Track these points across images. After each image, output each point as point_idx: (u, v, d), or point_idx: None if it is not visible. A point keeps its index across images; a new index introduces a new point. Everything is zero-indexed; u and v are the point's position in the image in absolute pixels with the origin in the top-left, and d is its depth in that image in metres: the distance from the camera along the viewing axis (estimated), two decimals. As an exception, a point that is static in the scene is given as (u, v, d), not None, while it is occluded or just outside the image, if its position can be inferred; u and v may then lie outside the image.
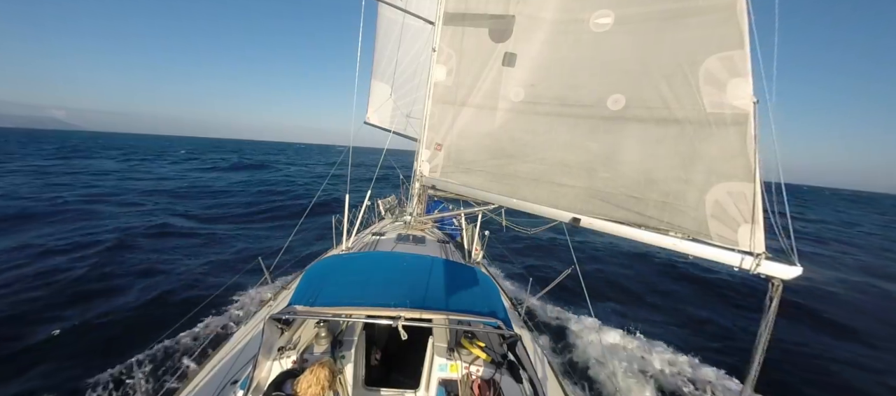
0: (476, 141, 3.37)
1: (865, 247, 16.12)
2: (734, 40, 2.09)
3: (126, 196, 15.15)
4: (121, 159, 34.52)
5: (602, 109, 2.64)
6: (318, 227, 7.08)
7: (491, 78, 3.20)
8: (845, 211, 36.42)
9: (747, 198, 1.98)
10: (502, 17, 3.07)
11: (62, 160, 30.29)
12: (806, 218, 26.17)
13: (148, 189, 17.30)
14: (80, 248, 7.82)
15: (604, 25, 2.64)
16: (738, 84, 2.09)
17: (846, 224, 25.66)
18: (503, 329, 2.29)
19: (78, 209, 12.06)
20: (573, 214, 2.62)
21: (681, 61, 2.30)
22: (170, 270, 6.80)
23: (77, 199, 13.70)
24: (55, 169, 23.57)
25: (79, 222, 10.50)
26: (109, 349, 4.19)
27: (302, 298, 2.31)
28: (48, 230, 9.37)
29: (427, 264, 2.89)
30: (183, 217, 12.01)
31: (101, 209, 12.40)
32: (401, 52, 6.28)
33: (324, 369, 1.88)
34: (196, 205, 14.13)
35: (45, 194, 14.21)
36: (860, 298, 8.92)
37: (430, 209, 6.51)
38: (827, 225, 23.82)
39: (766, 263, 1.82)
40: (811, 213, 30.94)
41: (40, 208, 11.73)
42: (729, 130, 2.11)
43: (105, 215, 11.66)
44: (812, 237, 17.66)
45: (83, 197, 14.38)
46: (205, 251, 8.27)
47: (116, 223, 10.34)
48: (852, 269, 11.89)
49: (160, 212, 12.36)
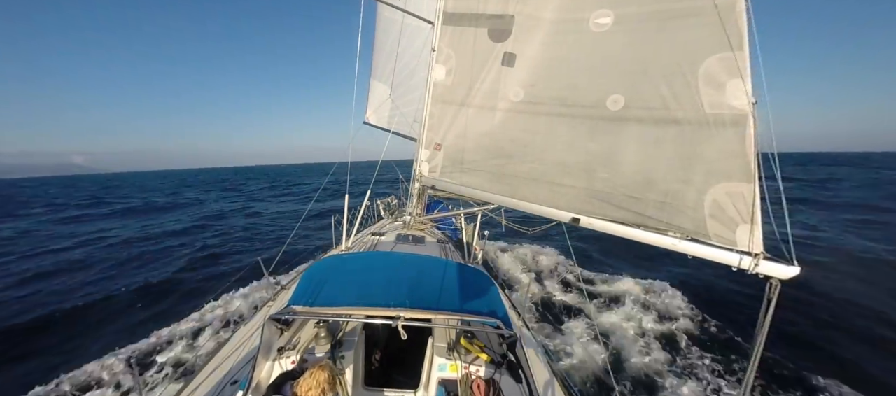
0: (475, 141, 3.37)
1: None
2: (733, 41, 2.10)
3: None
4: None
5: (601, 109, 2.65)
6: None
7: (490, 78, 3.20)
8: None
9: (746, 198, 1.99)
10: (502, 17, 3.07)
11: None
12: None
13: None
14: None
15: (603, 25, 2.64)
16: (737, 85, 2.09)
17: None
18: (503, 328, 2.30)
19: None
20: (573, 214, 2.62)
21: (680, 62, 2.31)
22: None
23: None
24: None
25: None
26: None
27: (301, 298, 2.31)
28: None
29: (427, 264, 2.90)
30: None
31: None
32: (400, 51, 6.26)
33: (323, 371, 1.86)
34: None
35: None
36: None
37: (430, 209, 6.51)
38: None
39: (765, 263, 1.83)
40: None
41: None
42: (728, 131, 2.12)
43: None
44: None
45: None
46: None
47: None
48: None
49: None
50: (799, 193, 21.30)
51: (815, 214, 14.73)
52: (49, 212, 25.10)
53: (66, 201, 33.34)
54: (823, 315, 6.55)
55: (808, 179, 30.89)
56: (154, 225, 17.12)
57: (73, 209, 26.70)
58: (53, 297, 6.92)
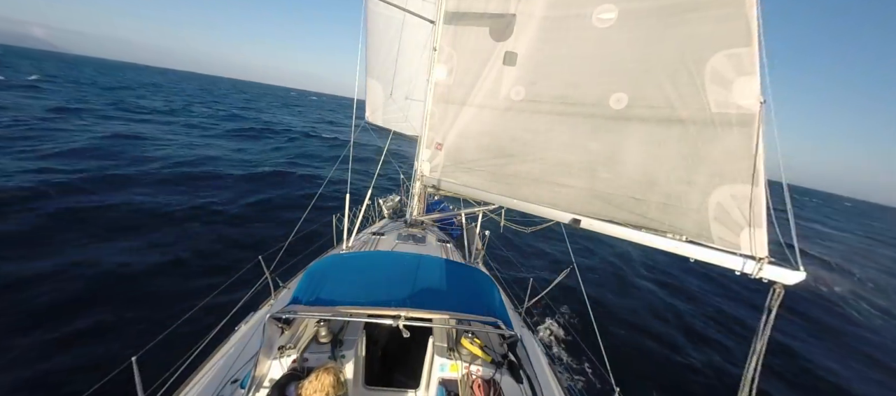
0: (476, 140, 3.34)
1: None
2: (742, 36, 2.03)
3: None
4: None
5: (604, 108, 2.60)
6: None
7: (491, 77, 3.16)
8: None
9: (751, 200, 1.94)
10: (503, 16, 3.02)
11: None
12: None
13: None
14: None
15: (607, 20, 2.58)
16: (744, 83, 2.03)
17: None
18: (503, 328, 2.29)
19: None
20: (573, 215, 2.59)
21: (686, 58, 2.25)
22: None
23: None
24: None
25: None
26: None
27: (302, 297, 2.32)
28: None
29: (427, 263, 2.89)
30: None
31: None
32: (400, 50, 6.21)
33: (329, 375, 1.86)
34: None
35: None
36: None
37: (431, 208, 6.51)
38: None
39: (769, 268, 1.79)
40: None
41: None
42: (734, 131, 2.06)
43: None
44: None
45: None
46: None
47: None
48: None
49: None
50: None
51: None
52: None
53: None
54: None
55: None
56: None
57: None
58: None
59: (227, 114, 32.39)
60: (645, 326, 6.56)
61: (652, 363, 5.59)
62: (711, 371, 5.47)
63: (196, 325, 3.17)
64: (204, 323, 2.89)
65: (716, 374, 5.46)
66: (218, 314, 3.06)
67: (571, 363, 5.24)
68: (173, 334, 3.25)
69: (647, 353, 5.78)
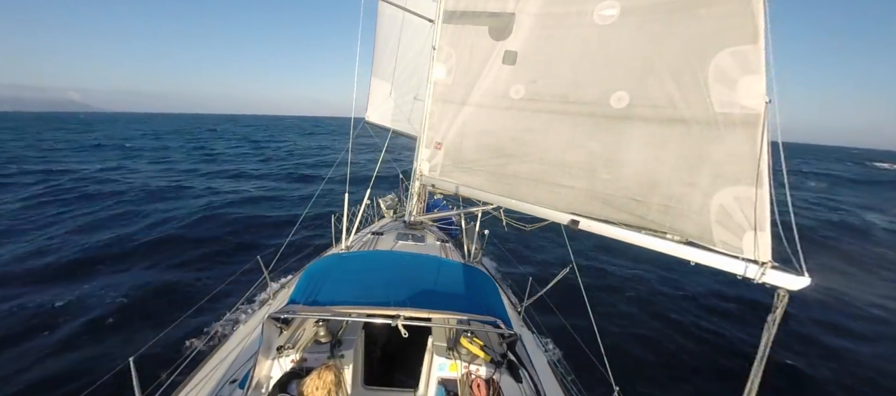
0: (476, 140, 3.31)
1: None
2: (747, 34, 1.97)
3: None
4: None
5: (604, 107, 2.55)
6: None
7: (491, 76, 3.12)
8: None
9: (755, 203, 1.89)
10: (502, 15, 2.97)
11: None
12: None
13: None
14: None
15: (609, 17, 2.52)
16: (750, 82, 1.98)
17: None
18: (502, 328, 2.28)
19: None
20: (572, 216, 2.56)
21: (689, 57, 2.19)
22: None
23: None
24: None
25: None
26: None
27: (301, 297, 2.31)
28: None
29: (426, 263, 2.88)
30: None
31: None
32: (401, 50, 6.17)
33: (330, 372, 1.87)
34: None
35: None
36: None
37: (430, 208, 6.48)
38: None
39: (772, 272, 1.75)
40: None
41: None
42: (738, 132, 2.01)
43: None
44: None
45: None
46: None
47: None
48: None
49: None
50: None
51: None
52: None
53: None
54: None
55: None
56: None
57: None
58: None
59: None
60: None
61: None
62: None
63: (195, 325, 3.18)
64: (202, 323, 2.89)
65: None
66: (216, 314, 3.06)
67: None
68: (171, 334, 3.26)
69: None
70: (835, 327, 6.72)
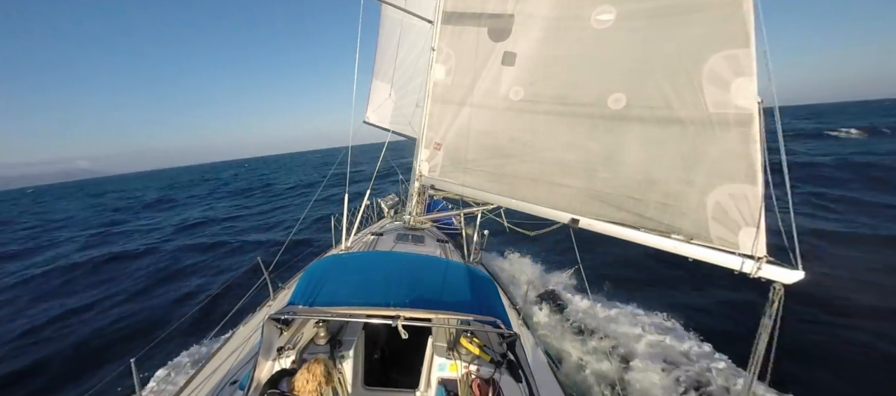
0: (475, 140, 3.34)
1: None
2: (739, 38, 2.04)
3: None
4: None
5: (602, 108, 2.60)
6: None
7: (490, 77, 3.17)
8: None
9: (749, 200, 1.95)
10: (501, 16, 3.03)
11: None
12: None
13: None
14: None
15: (605, 22, 2.59)
16: (742, 83, 2.04)
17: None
18: (502, 328, 2.29)
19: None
20: (572, 215, 2.60)
21: (684, 59, 2.26)
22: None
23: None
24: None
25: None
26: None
27: (301, 298, 2.31)
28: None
29: (426, 263, 2.89)
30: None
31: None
32: (402, 51, 6.23)
33: (319, 365, 1.87)
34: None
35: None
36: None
37: (430, 208, 6.50)
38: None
39: (768, 267, 1.79)
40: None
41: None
42: (732, 131, 2.07)
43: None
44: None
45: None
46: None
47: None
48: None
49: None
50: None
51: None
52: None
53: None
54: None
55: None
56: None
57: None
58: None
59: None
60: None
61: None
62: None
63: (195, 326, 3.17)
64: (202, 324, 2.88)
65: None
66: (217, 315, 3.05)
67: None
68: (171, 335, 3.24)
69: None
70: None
